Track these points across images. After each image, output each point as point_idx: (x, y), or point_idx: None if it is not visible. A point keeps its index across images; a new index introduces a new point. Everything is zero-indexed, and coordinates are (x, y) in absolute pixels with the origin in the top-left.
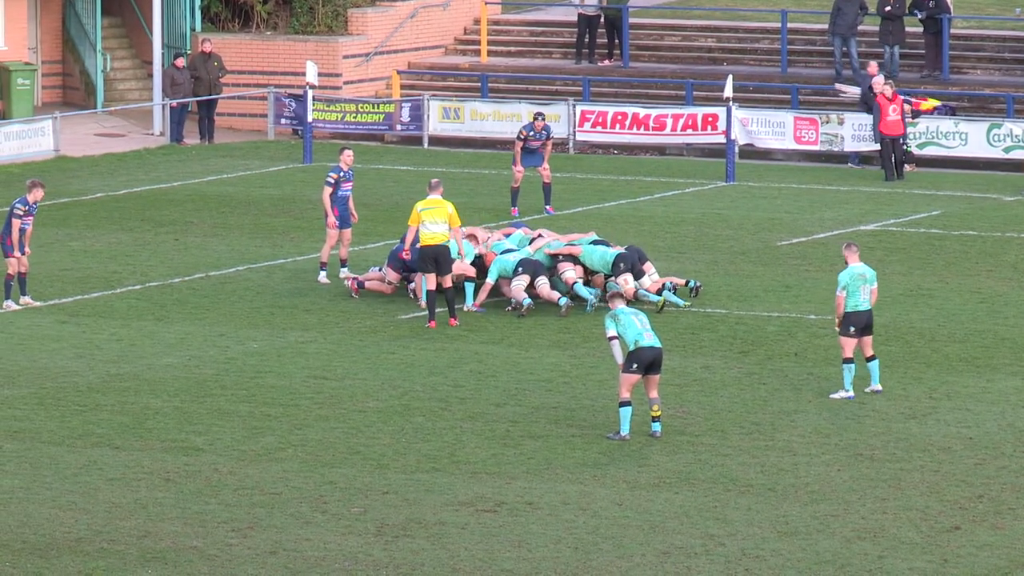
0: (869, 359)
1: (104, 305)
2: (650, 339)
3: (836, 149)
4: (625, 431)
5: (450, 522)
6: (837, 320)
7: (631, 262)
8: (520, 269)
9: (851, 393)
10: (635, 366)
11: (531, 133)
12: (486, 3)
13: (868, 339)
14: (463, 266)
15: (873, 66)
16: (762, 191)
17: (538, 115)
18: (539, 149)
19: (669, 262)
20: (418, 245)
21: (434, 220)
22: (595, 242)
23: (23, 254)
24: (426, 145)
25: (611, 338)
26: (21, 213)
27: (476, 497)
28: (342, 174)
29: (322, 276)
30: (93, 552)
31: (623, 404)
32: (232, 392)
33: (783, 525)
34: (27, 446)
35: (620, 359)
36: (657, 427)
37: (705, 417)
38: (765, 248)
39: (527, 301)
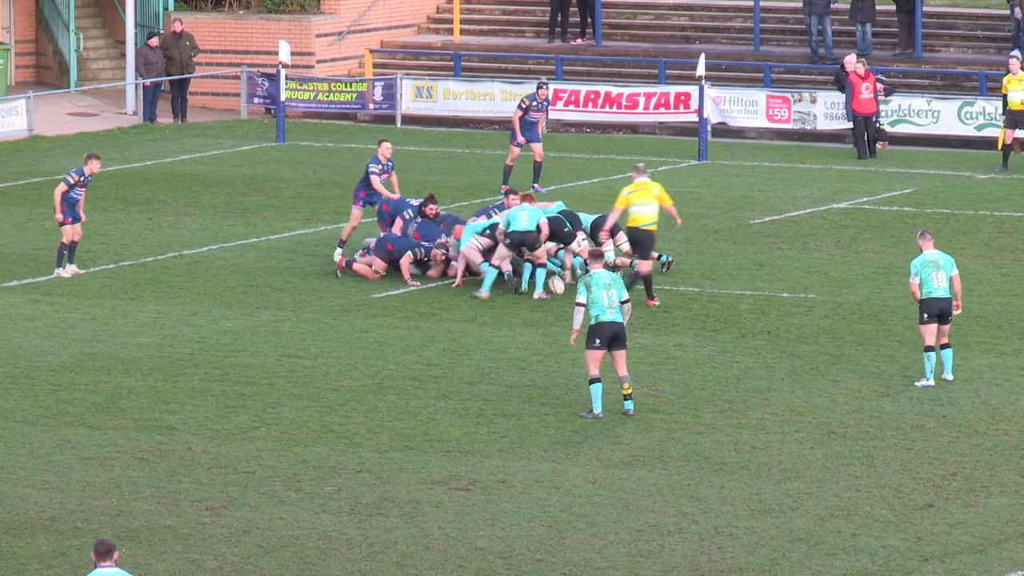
0: (944, 347)
1: (77, 284)
2: (612, 315)
3: (808, 127)
4: (597, 409)
5: (424, 500)
6: (916, 295)
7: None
8: (487, 232)
9: (931, 382)
10: (597, 341)
11: (534, 103)
12: None
13: (945, 327)
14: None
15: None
16: (735, 169)
17: (541, 84)
18: (538, 121)
19: None
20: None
21: (641, 201)
22: (563, 212)
23: (76, 221)
24: (399, 124)
25: (578, 304)
26: (72, 182)
27: (449, 475)
28: (382, 166)
29: (338, 253)
30: (67, 531)
31: (592, 381)
32: (206, 371)
33: (756, 503)
34: (0, 426)
35: (576, 325)
36: (629, 405)
37: (678, 395)
38: (738, 226)
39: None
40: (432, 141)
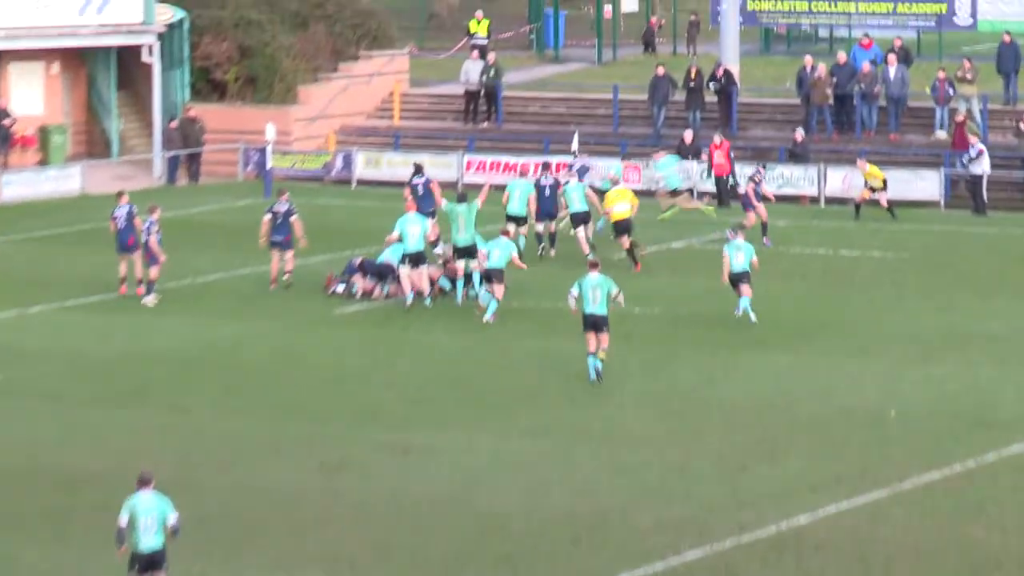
0: (745, 297)
1: (117, 303)
2: (594, 308)
3: (654, 188)
4: (592, 377)
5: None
6: (724, 274)
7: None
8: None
9: (739, 311)
10: (585, 327)
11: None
12: (398, 80)
13: (746, 287)
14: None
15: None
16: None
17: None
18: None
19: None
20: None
21: (618, 200)
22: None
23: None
24: (354, 186)
25: (571, 295)
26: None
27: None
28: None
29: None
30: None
31: (589, 354)
32: (212, 366)
33: (618, 462)
34: (60, 407)
35: (572, 306)
36: (598, 364)
37: (562, 386)
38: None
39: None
40: (378, 198)
